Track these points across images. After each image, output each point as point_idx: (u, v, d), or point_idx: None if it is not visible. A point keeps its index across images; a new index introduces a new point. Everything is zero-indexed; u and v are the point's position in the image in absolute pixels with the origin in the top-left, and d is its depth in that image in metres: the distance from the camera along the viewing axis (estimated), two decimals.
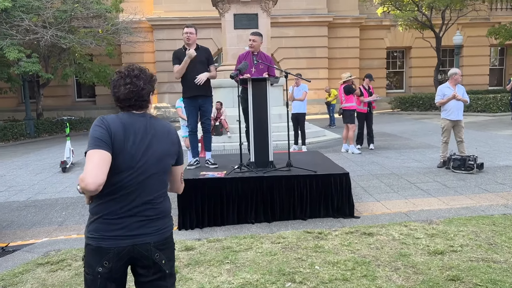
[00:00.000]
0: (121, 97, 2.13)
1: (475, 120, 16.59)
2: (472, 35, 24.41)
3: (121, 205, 2.05)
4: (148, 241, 2.08)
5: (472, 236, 4.50)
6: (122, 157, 2.03)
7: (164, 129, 2.20)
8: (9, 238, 5.33)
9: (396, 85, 26.42)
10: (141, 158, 2.07)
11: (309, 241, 4.55)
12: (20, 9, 15.18)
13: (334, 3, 23.64)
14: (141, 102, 2.16)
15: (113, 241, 2.03)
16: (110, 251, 2.02)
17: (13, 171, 9.72)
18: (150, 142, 2.12)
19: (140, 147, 2.08)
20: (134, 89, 2.12)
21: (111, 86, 2.20)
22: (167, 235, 2.17)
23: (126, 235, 2.04)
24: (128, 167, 2.04)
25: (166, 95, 22.87)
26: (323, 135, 13.39)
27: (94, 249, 2.04)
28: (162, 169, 2.16)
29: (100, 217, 2.05)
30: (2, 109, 22.86)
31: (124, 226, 2.04)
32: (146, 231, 2.08)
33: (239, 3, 12.99)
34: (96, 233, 2.05)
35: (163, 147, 2.15)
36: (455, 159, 7.74)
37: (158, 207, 2.14)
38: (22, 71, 15.40)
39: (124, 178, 2.04)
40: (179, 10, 22.43)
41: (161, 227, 2.14)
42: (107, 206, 2.04)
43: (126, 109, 2.16)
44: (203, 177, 5.35)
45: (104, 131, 2.03)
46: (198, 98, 5.96)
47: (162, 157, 2.14)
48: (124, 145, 2.04)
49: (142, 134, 2.11)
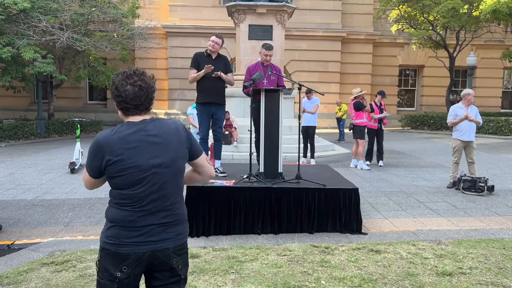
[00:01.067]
0: (130, 96, 2.04)
1: (486, 142, 16.45)
2: (486, 56, 24.31)
3: (139, 214, 2.02)
4: (168, 246, 2.05)
5: (482, 259, 4.42)
6: (128, 173, 2.00)
7: (171, 129, 2.11)
8: (15, 236, 5.34)
9: (407, 103, 26.34)
10: (150, 169, 2.02)
11: (315, 255, 4.50)
12: (38, 10, 15.42)
13: (349, 18, 23.73)
14: (149, 101, 2.10)
15: (133, 247, 2.00)
16: (129, 256, 2.00)
17: (22, 170, 9.78)
18: (156, 150, 2.04)
19: (145, 158, 2.02)
20: (144, 85, 2.06)
21: (112, 88, 2.07)
22: (184, 241, 2.15)
23: (145, 241, 2.02)
24: (139, 180, 2.01)
25: (177, 102, 23.00)
26: (332, 149, 13.34)
27: (112, 254, 2.01)
28: (175, 173, 2.11)
29: (118, 223, 2.03)
30: (15, 107, 23.13)
31: (143, 232, 2.02)
32: (165, 237, 2.06)
33: (254, 14, 13.08)
34: (115, 238, 2.02)
35: (172, 152, 2.08)
36: (466, 180, 7.65)
37: (176, 212, 2.12)
38: (37, 71, 15.60)
39: (137, 190, 2.02)
40: (194, 18, 22.64)
41: (180, 232, 2.12)
42: (124, 214, 2.03)
43: (133, 110, 2.07)
44: (211, 185, 5.34)
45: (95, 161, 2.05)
46: (212, 106, 5.98)
47: (172, 163, 2.08)
48: (125, 162, 1.99)
49: (145, 145, 2.03)
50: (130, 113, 2.08)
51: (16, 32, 15.35)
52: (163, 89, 23.34)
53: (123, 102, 2.06)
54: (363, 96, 10.19)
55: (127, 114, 2.09)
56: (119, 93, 2.05)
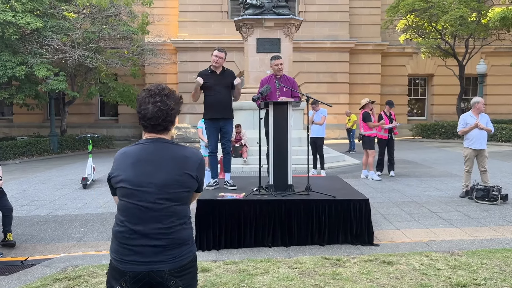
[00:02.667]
0: (148, 116, 2.08)
1: (499, 150, 16.25)
2: (496, 64, 24.13)
3: (132, 232, 2.06)
4: (163, 268, 2.05)
5: (497, 270, 4.35)
6: (121, 184, 2.08)
7: (177, 155, 2.11)
8: (29, 252, 5.39)
9: (417, 112, 26.19)
10: (140, 184, 2.06)
11: (327, 268, 4.47)
12: (51, 29, 15.76)
13: (356, 29, 23.80)
14: (167, 123, 2.12)
15: (130, 265, 2.05)
16: (126, 274, 2.05)
17: (36, 186, 9.91)
18: (150, 168, 2.07)
19: (138, 173, 2.07)
20: (164, 107, 2.08)
21: (137, 103, 2.14)
22: (184, 263, 2.11)
23: (141, 261, 2.04)
24: (130, 194, 2.06)
25: (187, 116, 23.14)
26: (342, 160, 13.29)
27: (114, 269, 2.09)
28: (170, 197, 2.08)
29: (117, 240, 2.10)
30: (28, 124, 23.50)
31: (138, 251, 2.05)
32: (160, 259, 2.05)
33: (262, 27, 13.20)
34: (115, 254, 2.09)
35: (168, 176, 2.07)
36: (479, 189, 7.56)
37: (172, 236, 2.08)
38: (50, 89, 15.87)
39: (130, 204, 2.07)
40: (203, 33, 22.91)
41: (177, 255, 2.09)
42: (121, 230, 2.09)
43: (150, 129, 2.12)
44: (221, 198, 5.36)
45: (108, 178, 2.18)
46: (219, 120, 6.02)
47: (166, 186, 2.07)
48: (120, 173, 2.09)
49: (144, 162, 2.07)
50: (147, 130, 2.14)
51: (30, 51, 15.68)
52: None
53: (142, 119, 2.12)
54: (372, 107, 10.17)
55: (146, 131, 2.16)
56: (140, 110, 2.11)
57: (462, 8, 18.43)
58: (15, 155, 15.87)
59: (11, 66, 14.91)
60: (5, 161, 14.75)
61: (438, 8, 19.19)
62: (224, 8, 23.58)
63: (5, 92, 16.24)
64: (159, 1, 22.38)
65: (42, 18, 15.74)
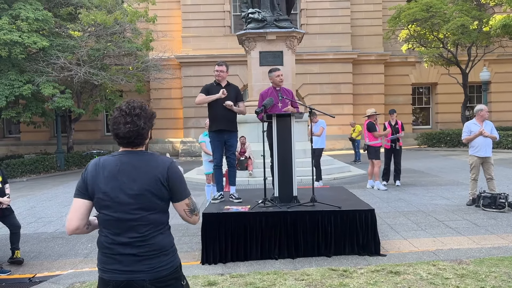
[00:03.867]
0: (120, 135, 2.17)
1: (505, 157, 16.15)
2: (500, 71, 24.11)
3: (112, 241, 2.13)
4: (143, 278, 2.10)
5: (505, 278, 4.32)
6: (98, 196, 2.14)
7: (146, 165, 2.17)
8: (36, 269, 5.43)
9: (422, 121, 26.15)
10: (116, 196, 2.12)
11: (333, 279, 4.46)
12: (56, 48, 16.00)
13: (359, 40, 23.93)
14: (139, 139, 2.20)
15: (112, 274, 2.11)
16: (110, 283, 2.11)
17: (43, 203, 9.97)
18: (124, 179, 2.13)
19: (113, 185, 2.12)
20: (134, 128, 2.16)
21: (110, 122, 2.23)
22: (165, 274, 2.13)
23: (122, 270, 2.10)
24: (106, 206, 2.13)
25: (192, 130, 23.25)
26: (348, 170, 13.27)
27: (100, 279, 2.17)
28: (144, 207, 2.13)
29: (100, 250, 2.17)
30: (35, 142, 23.70)
31: (119, 261, 2.11)
32: (140, 268, 2.10)
33: (264, 41, 13.33)
34: (99, 264, 2.17)
35: (141, 186, 2.13)
36: (485, 197, 7.51)
37: (149, 243, 2.13)
38: (56, 106, 16.07)
39: (107, 215, 2.14)
40: (206, 48, 23.13)
41: (156, 265, 2.12)
42: (102, 240, 2.17)
43: (124, 145, 2.21)
44: (227, 211, 5.37)
45: (81, 180, 2.19)
46: (224, 133, 6.06)
47: (139, 196, 2.12)
48: (96, 185, 2.14)
49: (115, 172, 2.14)
50: (122, 146, 2.23)
51: (36, 70, 15.90)
52: (178, 118, 23.70)
53: (115, 137, 2.21)
54: (376, 117, 10.19)
55: (120, 146, 2.24)
56: (113, 129, 2.20)
57: (463, 16, 18.51)
58: (22, 173, 15.99)
59: (18, 85, 15.12)
60: (13, 179, 14.86)
61: (439, 17, 19.28)
62: (227, 23, 23.84)
63: (12, 110, 16.44)
64: (163, 18, 22.67)
65: (48, 37, 16.00)
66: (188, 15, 23.55)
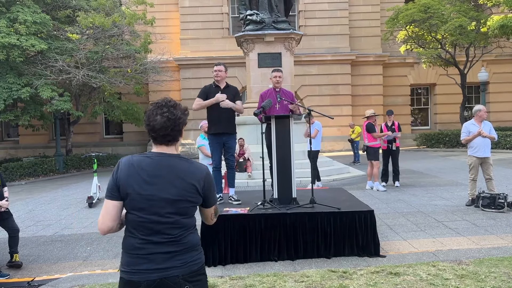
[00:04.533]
0: (156, 127, 2.14)
1: (504, 157, 16.17)
2: (498, 71, 24.17)
3: (143, 242, 2.11)
4: (176, 273, 2.09)
5: (505, 278, 4.32)
6: (132, 197, 2.11)
7: (185, 171, 2.16)
8: (35, 272, 5.40)
9: (421, 122, 26.17)
10: (153, 200, 2.10)
11: (333, 281, 4.45)
12: (55, 50, 15.99)
13: (357, 41, 23.97)
14: (176, 132, 2.17)
15: (143, 275, 2.08)
16: (141, 284, 2.07)
17: (42, 206, 9.95)
18: (163, 184, 2.12)
19: (151, 188, 2.11)
20: (172, 117, 2.14)
21: (145, 118, 2.19)
22: (196, 268, 2.16)
23: (153, 268, 2.08)
24: (141, 208, 2.11)
25: (191, 132, 23.23)
26: (347, 171, 13.27)
27: (126, 282, 2.11)
28: (179, 212, 2.14)
29: (128, 251, 2.13)
30: (34, 145, 23.68)
31: (150, 260, 2.09)
32: (173, 264, 2.10)
33: (263, 42, 13.34)
34: (127, 267, 2.11)
35: (177, 191, 2.13)
36: (484, 197, 7.52)
37: (182, 242, 2.15)
38: (54, 109, 16.04)
39: (139, 218, 2.11)
40: (204, 50, 23.14)
41: (188, 260, 2.15)
42: (131, 241, 2.13)
43: (160, 140, 2.17)
44: (226, 213, 5.36)
45: (112, 181, 2.16)
46: (223, 135, 6.06)
47: (175, 201, 2.12)
48: (130, 186, 2.11)
49: (154, 175, 2.12)
50: (158, 142, 2.19)
51: (34, 73, 15.88)
52: None
53: (152, 131, 2.17)
54: (376, 118, 10.20)
55: (155, 143, 2.20)
56: (149, 122, 2.16)
57: (461, 17, 18.55)
58: (21, 176, 15.96)
59: (16, 88, 15.10)
60: (12, 182, 14.84)
61: (437, 18, 19.32)
62: (225, 24, 23.86)
63: (10, 113, 16.41)
64: (161, 20, 22.69)
65: (46, 40, 15.99)
66: (186, 17, 23.58)
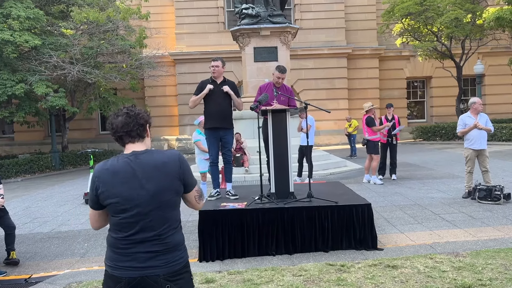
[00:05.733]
0: (119, 125, 2.20)
1: (500, 149, 16.23)
2: (494, 64, 24.20)
3: (126, 242, 2.14)
4: (157, 273, 2.12)
5: (502, 269, 4.33)
6: (113, 201, 2.14)
7: (157, 163, 2.19)
8: (32, 269, 5.39)
9: (417, 115, 26.22)
10: (133, 199, 2.13)
11: (331, 274, 4.46)
12: (49, 46, 15.87)
13: (353, 35, 23.93)
14: (139, 127, 2.22)
15: (124, 271, 2.12)
16: (122, 280, 2.11)
17: (38, 203, 9.91)
18: (141, 182, 2.14)
19: (129, 188, 2.13)
20: (131, 113, 2.21)
21: (108, 124, 2.26)
22: (178, 268, 2.18)
23: (135, 266, 2.11)
24: (123, 210, 2.13)
25: (188, 127, 23.19)
26: (344, 165, 13.28)
27: (109, 276, 2.16)
28: (161, 205, 2.16)
29: (112, 248, 2.17)
30: (30, 142, 23.56)
31: (133, 258, 2.12)
32: (154, 264, 2.13)
33: (259, 37, 13.28)
34: (110, 261, 2.16)
35: (157, 184, 2.15)
36: (481, 190, 7.54)
37: (165, 241, 2.17)
38: (50, 106, 15.95)
39: (124, 218, 2.14)
40: (200, 44, 23.05)
41: (171, 260, 2.16)
42: (116, 240, 2.17)
43: (125, 138, 2.21)
44: (223, 208, 5.35)
45: (90, 192, 2.21)
46: (220, 130, 6.04)
47: (157, 194, 2.15)
48: (109, 191, 2.14)
49: (131, 176, 2.14)
50: (125, 141, 2.23)
51: (28, 69, 15.78)
52: (173, 115, 23.64)
53: (116, 132, 2.22)
54: (374, 110, 10.15)
55: (122, 143, 2.24)
56: (111, 124, 2.23)
57: (456, 10, 18.54)
58: (17, 173, 15.88)
59: (11, 85, 15.00)
60: (7, 179, 14.77)
61: (433, 11, 19.31)
62: (221, 19, 23.75)
63: (5, 110, 16.31)
64: (156, 15, 22.57)
65: (40, 36, 15.88)
66: (181, 12, 23.45)
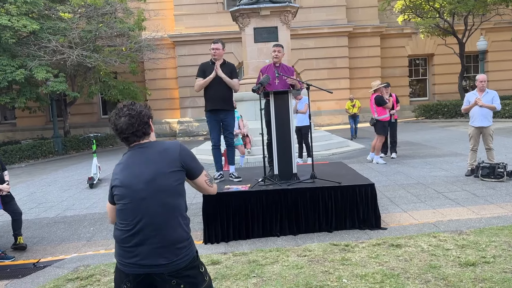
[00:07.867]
0: (123, 127, 2.20)
1: (503, 126, 16.17)
2: (497, 39, 23.89)
3: (129, 234, 2.15)
4: (161, 271, 2.13)
5: (505, 247, 4.36)
6: (116, 190, 2.21)
7: (160, 149, 2.22)
8: (40, 254, 5.45)
9: (419, 93, 26.05)
10: (133, 184, 2.16)
11: (335, 254, 4.50)
12: (47, 31, 15.72)
13: (354, 13, 23.60)
14: (143, 126, 2.23)
15: (130, 268, 2.14)
16: (129, 276, 2.15)
17: (43, 188, 9.98)
18: (141, 168, 2.18)
19: (130, 174, 2.18)
20: (134, 113, 2.21)
21: (111, 125, 2.26)
22: (183, 266, 2.16)
23: (139, 264, 2.13)
24: (122, 196, 2.17)
25: (189, 110, 23.15)
26: (346, 145, 13.27)
27: (118, 270, 2.21)
28: (159, 191, 2.16)
29: (118, 243, 2.20)
30: (32, 127, 23.58)
31: (136, 254, 2.13)
32: (158, 262, 2.12)
33: (258, 17, 13.12)
34: (118, 257, 2.20)
35: (155, 169, 2.17)
36: (484, 167, 7.54)
37: (167, 237, 2.15)
38: (50, 91, 15.89)
39: (124, 206, 2.17)
40: (199, 26, 22.79)
41: (173, 259, 2.15)
42: (119, 233, 2.19)
43: (132, 138, 2.23)
44: (227, 190, 5.38)
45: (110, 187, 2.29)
46: (220, 112, 6.02)
47: (154, 179, 2.15)
48: (118, 181, 2.20)
49: (132, 164, 2.20)
50: (131, 141, 2.25)
51: (28, 54, 15.67)
52: (174, 98, 23.55)
53: (121, 133, 2.23)
54: (382, 89, 9.97)
55: (128, 143, 2.26)
56: (115, 126, 2.23)
57: None
58: (20, 159, 15.95)
59: (11, 70, 14.91)
60: (11, 165, 14.84)
61: None
62: None
63: (6, 96, 16.26)
64: None
65: (37, 20, 15.71)
66: None
